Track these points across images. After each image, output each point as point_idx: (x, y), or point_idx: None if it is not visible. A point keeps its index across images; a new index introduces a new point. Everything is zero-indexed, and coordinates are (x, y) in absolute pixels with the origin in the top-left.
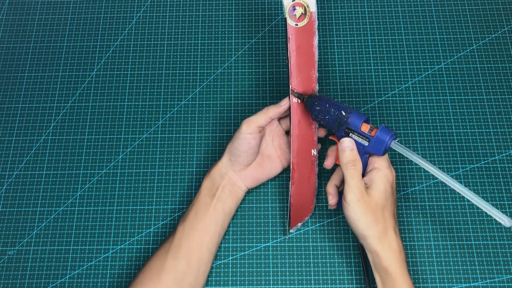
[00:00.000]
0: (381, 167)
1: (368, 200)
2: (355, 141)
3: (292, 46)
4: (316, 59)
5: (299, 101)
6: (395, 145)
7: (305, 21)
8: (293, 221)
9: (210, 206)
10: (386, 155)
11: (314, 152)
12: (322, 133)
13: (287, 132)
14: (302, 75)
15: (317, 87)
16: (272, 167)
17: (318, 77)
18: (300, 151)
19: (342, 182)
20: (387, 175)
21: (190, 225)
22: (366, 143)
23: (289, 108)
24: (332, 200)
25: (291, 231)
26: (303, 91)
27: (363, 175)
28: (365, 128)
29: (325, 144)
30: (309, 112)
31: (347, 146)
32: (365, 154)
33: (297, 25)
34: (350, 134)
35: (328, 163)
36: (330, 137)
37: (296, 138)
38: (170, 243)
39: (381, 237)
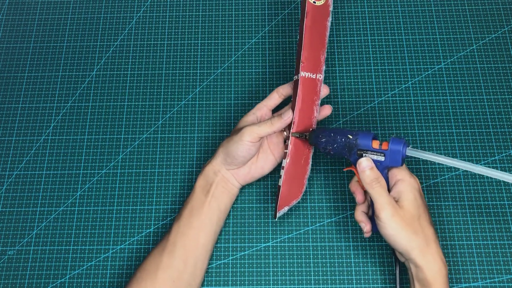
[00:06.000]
0: (404, 177)
1: (402, 213)
2: (371, 159)
3: (308, 22)
4: (327, 41)
5: (304, 137)
6: (411, 151)
7: (322, 1)
8: (281, 202)
9: (205, 203)
10: (404, 166)
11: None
12: (326, 90)
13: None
14: (312, 54)
15: (324, 68)
16: (266, 163)
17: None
18: (301, 121)
19: (369, 207)
20: (412, 184)
21: (185, 223)
22: (382, 158)
23: (293, 86)
24: (366, 226)
25: (278, 214)
26: (311, 69)
27: (388, 190)
28: (376, 144)
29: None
30: (315, 146)
31: (366, 166)
32: (384, 169)
33: (314, 2)
34: (364, 154)
35: (360, 198)
36: (344, 169)
37: (298, 111)
38: (165, 242)
39: (423, 249)
